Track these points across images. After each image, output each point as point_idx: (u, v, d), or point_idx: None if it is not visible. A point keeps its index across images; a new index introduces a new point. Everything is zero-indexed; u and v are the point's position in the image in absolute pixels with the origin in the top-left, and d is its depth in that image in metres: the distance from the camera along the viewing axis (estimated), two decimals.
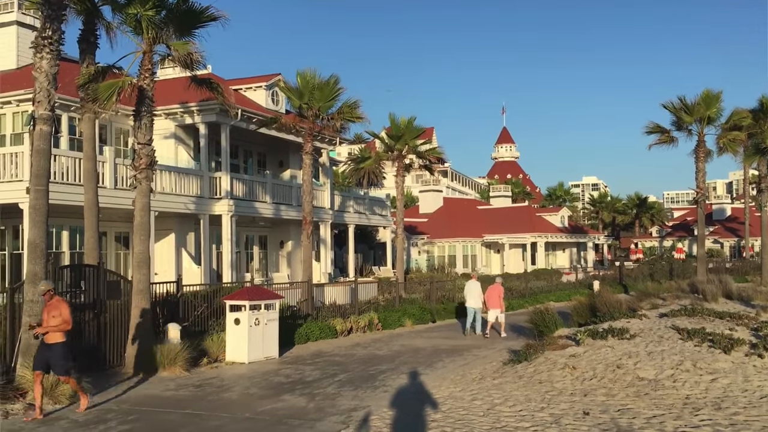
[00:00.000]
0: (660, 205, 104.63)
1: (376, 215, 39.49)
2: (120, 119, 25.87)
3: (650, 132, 34.15)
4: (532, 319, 19.52)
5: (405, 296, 28.84)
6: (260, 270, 32.40)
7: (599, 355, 13.56)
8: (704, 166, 33.42)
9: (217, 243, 28.09)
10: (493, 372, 13.86)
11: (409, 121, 34.34)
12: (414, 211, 64.93)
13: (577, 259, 65.01)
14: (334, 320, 21.24)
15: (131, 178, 16.06)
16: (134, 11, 15.06)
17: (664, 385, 11.35)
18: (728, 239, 79.12)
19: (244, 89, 31.43)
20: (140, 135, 15.59)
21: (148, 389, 13.07)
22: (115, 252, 25.74)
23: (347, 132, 28.06)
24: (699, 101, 32.67)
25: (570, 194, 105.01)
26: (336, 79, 24.46)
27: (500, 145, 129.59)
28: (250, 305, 16.19)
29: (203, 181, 26.48)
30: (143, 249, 15.52)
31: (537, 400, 10.99)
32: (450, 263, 57.47)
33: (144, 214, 15.57)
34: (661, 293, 26.12)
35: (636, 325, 16.55)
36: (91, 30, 17.02)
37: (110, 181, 22.39)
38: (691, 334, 14.34)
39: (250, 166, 32.73)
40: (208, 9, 15.50)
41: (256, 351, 16.28)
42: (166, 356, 14.45)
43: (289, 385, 13.37)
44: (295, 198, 30.51)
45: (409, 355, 17.28)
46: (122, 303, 15.46)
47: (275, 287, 22.13)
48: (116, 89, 14.82)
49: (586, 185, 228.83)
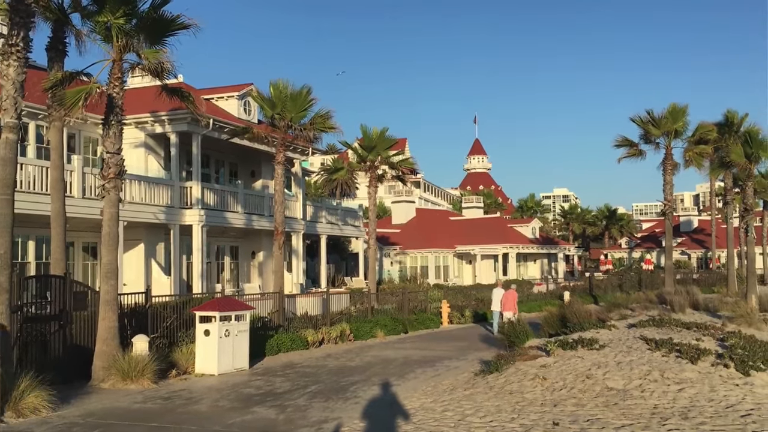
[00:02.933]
0: (629, 216, 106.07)
1: (348, 226, 39.45)
2: (89, 128, 25.55)
3: (619, 145, 34.69)
4: (503, 329, 19.63)
5: (377, 307, 28.80)
6: (231, 280, 32.13)
7: (569, 365, 13.66)
8: (672, 179, 33.99)
9: (187, 253, 27.80)
10: (464, 383, 13.88)
11: (381, 132, 34.45)
12: (387, 221, 64.98)
13: (548, 270, 65.53)
14: (306, 331, 21.13)
15: (99, 187, 15.84)
16: (104, 19, 14.90)
17: (633, 395, 11.47)
18: (695, 251, 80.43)
19: (215, 99, 31.26)
20: (109, 144, 15.40)
21: (115, 402, 12.85)
22: (83, 262, 25.34)
23: (320, 142, 28.05)
24: (666, 115, 33.29)
25: (541, 206, 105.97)
26: (308, 89, 24.51)
27: (472, 156, 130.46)
28: (221, 316, 16.04)
29: (174, 190, 26.22)
30: (111, 259, 15.30)
31: (507, 410, 11.03)
32: (422, 274, 57.54)
33: (112, 224, 15.36)
34: (629, 304, 26.44)
35: (605, 336, 16.73)
36: (60, 38, 16.82)
37: (78, 191, 22.07)
38: (659, 345, 14.53)
39: (221, 175, 32.51)
40: (179, 17, 15.39)
41: (226, 362, 16.11)
42: (134, 368, 14.22)
43: (260, 396, 13.25)
44: (267, 208, 30.35)
45: (380, 366, 17.24)
46: (89, 314, 15.22)
47: (246, 298, 21.97)
48: (83, 95, 14.62)
49: (557, 197, 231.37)
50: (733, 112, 35.99)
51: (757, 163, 27.22)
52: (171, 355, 16.13)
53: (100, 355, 14.68)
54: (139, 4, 14.98)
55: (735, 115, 35.80)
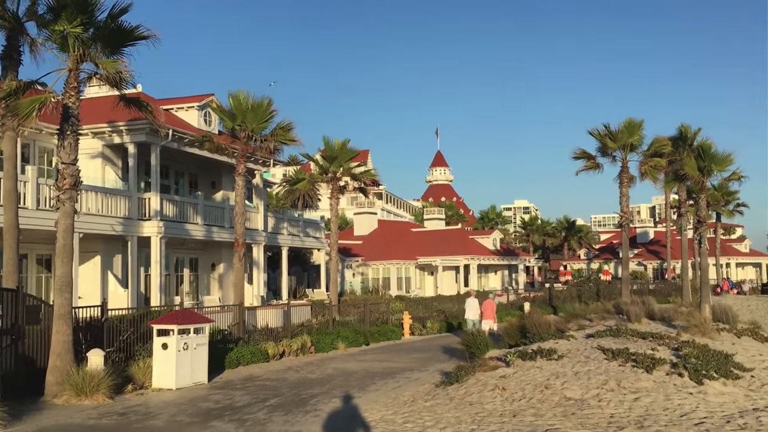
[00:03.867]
0: (588, 228, 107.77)
1: (310, 237, 39.29)
2: (44, 138, 25.04)
3: (577, 157, 35.33)
4: (464, 340, 19.72)
5: (339, 319, 28.70)
6: (191, 293, 31.71)
7: (528, 375, 13.80)
8: (628, 191, 34.73)
9: (145, 265, 27.36)
10: (425, 394, 13.90)
11: (343, 144, 34.46)
12: (349, 233, 64.91)
13: (508, 281, 66.16)
14: (266, 344, 20.94)
15: (54, 198, 15.51)
16: (60, 28, 14.65)
17: (590, 405, 11.62)
18: (651, 261, 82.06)
19: (175, 109, 30.93)
20: (64, 154, 15.11)
21: (69, 418, 12.54)
22: (36, 275, 24.75)
23: (281, 154, 27.88)
24: (622, 128, 34.03)
25: (502, 217, 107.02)
26: (269, 100, 24.41)
27: (435, 168, 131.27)
28: (179, 329, 15.80)
29: (132, 201, 25.82)
30: (66, 272, 14.98)
31: (467, 421, 11.08)
32: (384, 285, 57.58)
33: (67, 236, 15.05)
34: (588, 314, 26.79)
35: (564, 346, 16.94)
36: (15, 46, 16.49)
37: (32, 202, 21.58)
38: (616, 355, 14.77)
39: (181, 187, 32.12)
40: (138, 28, 15.22)
41: (184, 376, 15.87)
42: (89, 383, 13.91)
43: (218, 411, 13.07)
44: (228, 220, 30.08)
45: (341, 378, 17.17)
46: (42, 328, 14.87)
47: (206, 311, 21.70)
48: (38, 105, 14.35)
49: (518, 208, 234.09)
50: (687, 126, 36.85)
51: (710, 176, 27.89)
52: (128, 370, 15.82)
53: (54, 370, 14.33)
54: (96, 13, 14.77)
55: (689, 130, 36.66)
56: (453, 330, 31.32)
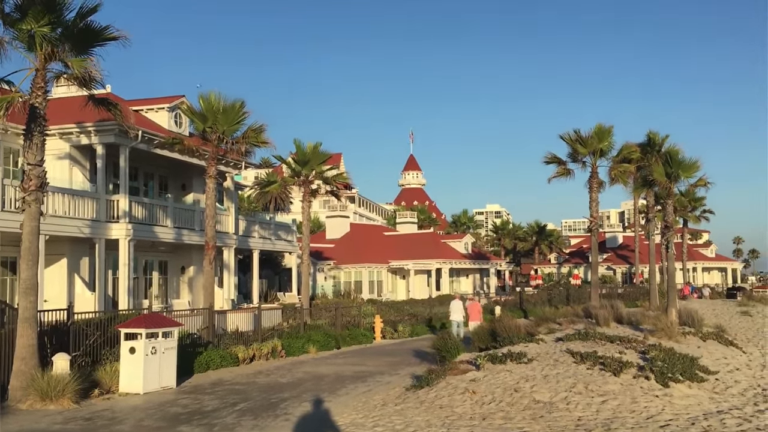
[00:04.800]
0: (558, 232, 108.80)
1: (281, 240, 39.10)
2: (9, 138, 24.58)
3: (548, 162, 35.69)
4: (434, 344, 19.76)
5: (310, 322, 28.58)
6: (159, 296, 31.34)
7: (498, 379, 13.88)
8: (597, 196, 35.15)
9: (113, 268, 26.98)
10: (395, 398, 13.90)
11: (315, 147, 34.36)
12: (321, 236, 64.75)
13: (480, 285, 66.51)
14: (236, 348, 20.78)
15: (20, 200, 15.24)
16: (28, 27, 14.41)
17: (559, 408, 11.73)
18: (620, 266, 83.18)
19: (145, 110, 30.58)
20: (30, 155, 14.86)
21: (33, 423, 12.32)
22: (1, 278, 24.28)
23: (253, 156, 27.69)
24: (593, 134, 34.46)
25: (474, 221, 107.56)
26: (241, 102, 24.22)
27: (407, 171, 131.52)
28: (147, 333, 15.62)
29: (99, 203, 25.45)
30: (31, 275, 14.71)
31: (437, 425, 11.10)
32: (356, 289, 57.53)
33: (32, 239, 14.79)
34: (557, 318, 27.04)
35: (534, 350, 17.07)
36: None
37: None
38: (584, 358, 14.93)
39: (150, 189, 31.75)
40: (108, 28, 15.03)
41: (152, 381, 15.67)
42: (54, 388, 13.68)
43: (186, 415, 12.93)
44: (198, 222, 29.80)
45: (312, 382, 17.10)
46: (6, 332, 14.59)
47: (175, 314, 21.45)
48: (5, 105, 14.10)
49: (490, 213, 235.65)
50: (655, 133, 37.40)
51: (677, 182, 28.36)
52: (94, 374, 15.58)
53: (18, 374, 14.07)
54: (65, 13, 14.56)
55: (657, 136, 37.21)
56: (435, 332, 31.36)
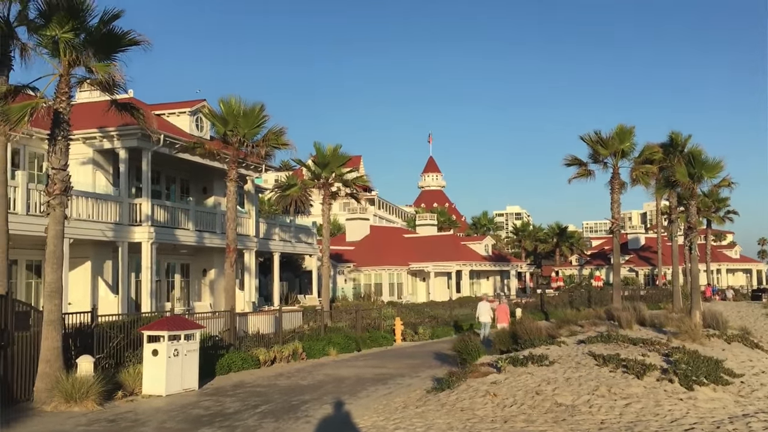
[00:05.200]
0: (579, 234, 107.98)
1: (302, 243, 39.23)
2: (34, 143, 24.93)
3: (569, 164, 35.49)
4: (455, 346, 19.71)
5: (330, 325, 28.65)
6: (182, 299, 31.58)
7: (519, 381, 13.80)
8: (619, 198, 34.87)
9: (136, 271, 27.23)
10: (416, 400, 13.88)
11: (335, 149, 34.47)
12: (341, 239, 64.88)
13: (500, 287, 66.23)
14: (258, 350, 20.88)
15: (44, 204, 15.44)
16: (51, 33, 14.62)
17: (581, 411, 11.63)
18: (643, 267, 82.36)
19: (167, 114, 30.86)
20: (55, 160, 15.06)
21: (58, 425, 12.46)
22: (26, 281, 24.60)
23: (273, 159, 27.86)
24: (614, 135, 34.21)
25: (494, 223, 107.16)
26: (261, 106, 24.37)
27: (427, 174, 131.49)
28: (169, 335, 15.74)
29: (122, 207, 25.71)
30: (55, 278, 14.90)
31: (459, 428, 11.07)
32: (376, 291, 57.55)
33: (57, 242, 14.98)
34: (579, 320, 26.85)
35: (555, 352, 16.94)
36: (5, 51, 16.39)
37: (22, 207, 21.45)
38: (607, 360, 14.79)
39: (172, 192, 32.02)
40: (130, 33, 15.21)
41: (174, 383, 15.79)
42: (78, 390, 13.83)
43: (208, 417, 13.01)
44: (219, 225, 29.99)
45: (333, 384, 17.13)
46: (32, 334, 14.76)
47: (197, 317, 21.60)
48: (29, 110, 14.29)
49: (510, 214, 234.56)
50: (678, 133, 37.08)
51: (700, 182, 28.09)
52: (117, 376, 15.74)
53: (43, 376, 14.25)
54: (88, 18, 14.75)
55: (679, 137, 36.87)
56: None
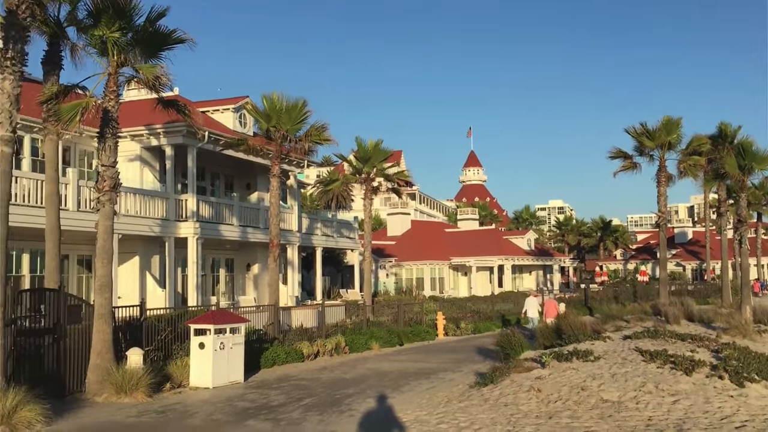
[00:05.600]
0: (624, 228, 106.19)
1: (343, 238, 39.44)
2: (84, 141, 25.56)
3: (614, 157, 34.86)
4: (498, 341, 19.61)
5: (372, 319, 28.75)
6: (226, 293, 32.07)
7: (564, 377, 13.66)
8: (666, 191, 34.14)
9: (182, 266, 27.76)
10: (459, 395, 13.86)
11: (376, 144, 34.53)
12: (382, 233, 65.00)
13: (543, 282, 65.57)
14: (301, 344, 21.08)
15: (94, 200, 15.83)
16: (100, 33, 14.96)
17: (628, 407, 11.47)
18: (690, 262, 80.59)
19: (211, 111, 31.33)
20: (104, 157, 15.42)
21: (109, 416, 12.80)
22: (77, 275, 25.28)
23: (315, 155, 28.07)
24: (660, 127, 33.47)
25: (536, 217, 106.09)
26: (304, 101, 24.54)
27: (468, 168, 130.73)
28: (215, 329, 16.00)
29: (169, 203, 26.21)
30: (106, 272, 15.28)
31: (502, 423, 11.02)
32: (418, 286, 57.52)
33: (107, 237, 15.35)
34: (624, 315, 26.44)
35: (600, 348, 16.72)
36: (56, 51, 16.84)
37: (73, 204, 22.05)
38: (654, 356, 14.54)
39: (217, 188, 32.52)
40: (175, 32, 15.47)
41: (220, 375, 16.06)
42: (128, 381, 14.17)
43: (254, 410, 13.21)
44: (263, 220, 30.36)
45: (375, 378, 17.21)
46: (83, 327, 15.16)
47: (241, 311, 21.92)
48: (80, 109, 14.66)
49: (552, 208, 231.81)
50: (727, 124, 36.11)
51: (751, 174, 27.32)
52: (166, 369, 16.07)
53: (94, 368, 14.63)
54: (134, 18, 15.05)
55: (728, 128, 35.91)
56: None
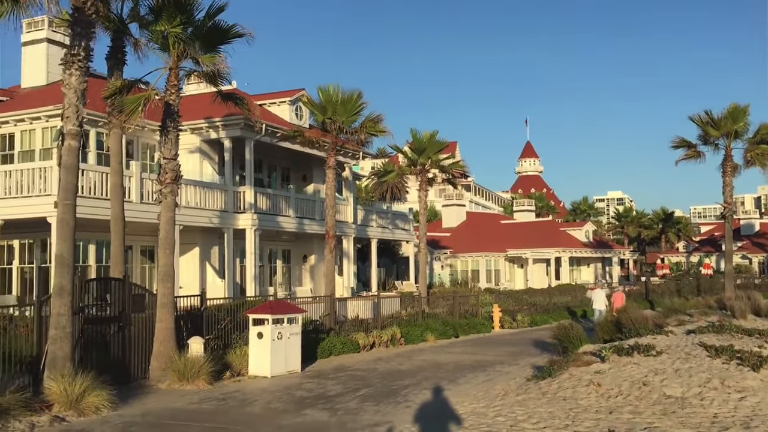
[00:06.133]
0: (686, 219, 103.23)
1: (398, 229, 39.48)
2: (146, 134, 26.23)
3: (676, 146, 33.87)
4: (556, 334, 19.33)
5: (428, 311, 28.73)
6: (283, 284, 32.51)
7: (625, 372, 13.37)
8: (731, 181, 33.00)
9: (240, 257, 28.25)
10: (516, 388, 13.73)
11: (431, 135, 34.39)
12: (437, 225, 64.80)
13: (602, 275, 64.28)
14: (357, 335, 21.22)
15: (157, 192, 16.25)
16: (161, 28, 15.31)
17: (692, 404, 11.16)
18: (757, 254, 77.77)
19: (268, 104, 31.72)
20: (166, 150, 15.79)
21: (172, 402, 13.14)
22: (140, 265, 26.00)
23: (370, 146, 28.13)
24: (726, 115, 32.35)
25: (594, 209, 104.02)
26: (359, 93, 24.61)
27: (524, 159, 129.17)
28: (273, 319, 16.24)
29: (227, 195, 26.69)
30: (168, 263, 15.66)
31: (561, 417, 10.86)
32: (473, 278, 57.15)
33: (169, 228, 15.73)
34: (687, 309, 25.75)
35: (662, 342, 16.30)
36: (119, 47, 17.32)
37: (136, 196, 22.66)
38: (719, 352, 14.10)
39: (273, 180, 32.94)
40: (234, 26, 15.72)
41: (278, 365, 16.30)
42: (190, 369, 14.52)
43: (312, 399, 13.36)
44: (318, 212, 30.63)
45: (431, 370, 17.20)
46: (147, 316, 15.59)
47: (298, 301, 22.19)
48: (142, 102, 15.04)
49: (611, 199, 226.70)
50: None
51: None
52: (225, 357, 16.39)
53: (158, 356, 15.03)
54: (194, 13, 15.35)
55: None
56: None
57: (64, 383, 11.72)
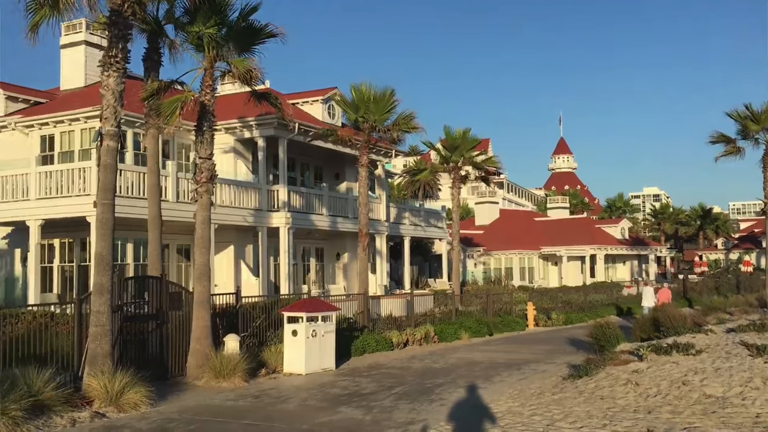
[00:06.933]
0: (725, 216, 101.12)
1: (431, 227, 39.40)
2: (182, 134, 26.55)
3: (715, 142, 33.20)
4: (592, 333, 19.09)
5: (461, 309, 28.63)
6: (317, 282, 32.66)
7: (663, 371, 13.17)
8: None
9: (274, 255, 28.46)
10: (552, 387, 13.60)
11: (464, 133, 34.24)
12: (470, 222, 64.52)
13: (638, 272, 63.36)
14: (391, 333, 21.23)
15: (192, 191, 16.45)
16: (196, 29, 15.49)
17: (733, 403, 10.94)
18: None
19: (300, 103, 31.89)
20: (201, 149, 15.97)
21: (209, 399, 13.30)
22: (177, 264, 26.35)
23: (403, 144, 28.11)
24: (766, 109, 31.60)
25: (630, 205, 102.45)
26: (391, 91, 24.60)
27: (557, 155, 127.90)
28: (308, 317, 16.32)
29: (261, 194, 26.90)
30: (204, 261, 15.84)
31: (599, 416, 10.73)
32: (507, 275, 56.79)
33: (205, 227, 15.91)
34: (727, 307, 25.30)
35: (702, 341, 16.03)
36: (155, 48, 17.57)
37: (172, 195, 22.96)
38: (761, 350, 13.81)
39: (307, 178, 33.12)
40: (267, 26, 15.85)
41: (313, 362, 16.39)
42: (226, 366, 14.68)
43: (346, 397, 13.41)
44: (351, 210, 30.70)
45: (465, 368, 17.13)
46: (183, 314, 15.79)
47: (332, 299, 22.28)
48: (180, 104, 15.24)
49: (647, 196, 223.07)
50: None
51: None
52: (260, 355, 16.54)
53: (194, 353, 15.22)
54: (228, 13, 15.51)
55: None
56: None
57: (104, 380, 11.94)
